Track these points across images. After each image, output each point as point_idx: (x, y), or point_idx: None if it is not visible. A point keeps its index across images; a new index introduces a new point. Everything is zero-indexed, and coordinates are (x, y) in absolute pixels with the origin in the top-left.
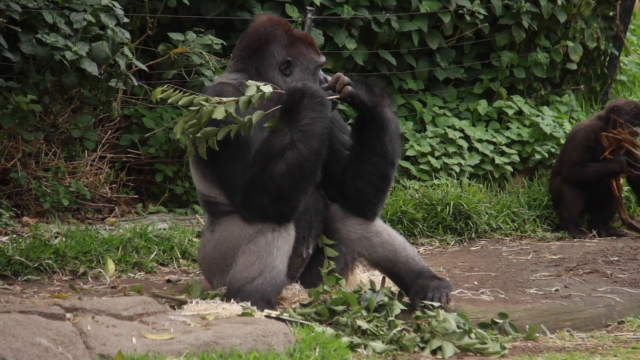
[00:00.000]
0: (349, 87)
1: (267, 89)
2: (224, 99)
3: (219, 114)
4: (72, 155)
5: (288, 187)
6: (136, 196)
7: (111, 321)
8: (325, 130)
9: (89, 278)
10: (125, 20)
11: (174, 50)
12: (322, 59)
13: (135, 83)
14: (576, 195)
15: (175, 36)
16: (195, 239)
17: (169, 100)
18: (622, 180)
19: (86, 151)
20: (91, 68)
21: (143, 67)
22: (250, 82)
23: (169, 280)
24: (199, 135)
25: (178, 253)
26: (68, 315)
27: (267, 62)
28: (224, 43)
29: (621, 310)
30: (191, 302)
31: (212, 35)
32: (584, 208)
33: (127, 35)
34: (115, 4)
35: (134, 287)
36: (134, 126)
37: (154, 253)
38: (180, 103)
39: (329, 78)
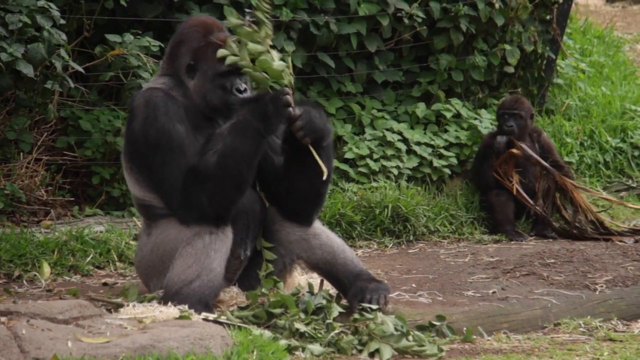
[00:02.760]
0: (302, 133)
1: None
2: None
3: (258, 46)
4: (7, 157)
5: (218, 180)
6: (72, 199)
7: (46, 325)
8: (259, 140)
9: (24, 281)
10: (62, 21)
11: (111, 52)
12: (226, 67)
13: (72, 85)
14: (504, 199)
15: (112, 38)
16: (132, 242)
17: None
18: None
19: (21, 153)
20: (27, 70)
21: (80, 69)
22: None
23: (105, 284)
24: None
25: (115, 256)
26: (2, 319)
27: (178, 63)
28: (162, 45)
29: (557, 312)
30: (128, 306)
31: (150, 37)
32: (516, 210)
33: (64, 36)
34: (52, 5)
35: (70, 291)
36: (70, 128)
37: (91, 256)
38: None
39: (246, 86)
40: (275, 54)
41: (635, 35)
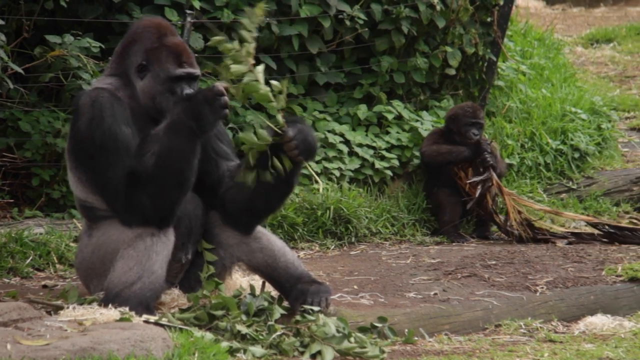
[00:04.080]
0: (296, 152)
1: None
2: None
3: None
4: None
5: (160, 182)
6: (12, 200)
7: None
8: (195, 139)
9: None
10: (1, 22)
11: (51, 53)
12: (179, 71)
13: (11, 86)
14: (454, 200)
15: (52, 39)
16: (72, 244)
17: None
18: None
19: None
20: None
21: (19, 70)
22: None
23: (45, 286)
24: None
25: (55, 258)
26: None
27: (129, 62)
28: (102, 46)
29: (498, 314)
30: (68, 308)
31: (90, 38)
32: (462, 213)
33: (3, 37)
34: None
35: (9, 293)
36: (9, 130)
37: (30, 258)
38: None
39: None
40: (259, 73)
41: (575, 37)
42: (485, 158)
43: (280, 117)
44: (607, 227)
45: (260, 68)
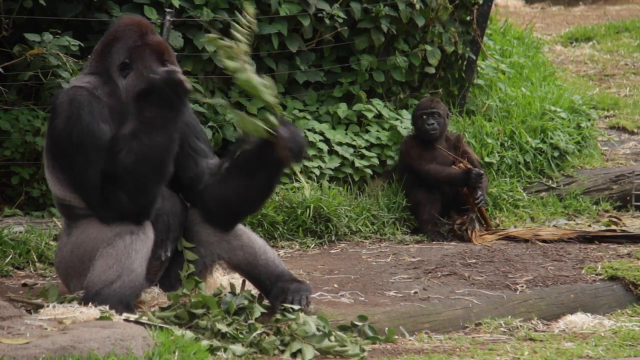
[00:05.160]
0: (288, 154)
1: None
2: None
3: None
4: None
5: (139, 179)
6: None
7: None
8: (171, 127)
9: None
10: None
11: (30, 52)
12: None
13: None
14: (433, 198)
15: (31, 37)
16: (52, 242)
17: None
18: None
19: None
20: None
21: None
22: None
23: (25, 284)
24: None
25: (35, 256)
26: None
27: (110, 60)
28: (82, 44)
29: (478, 312)
30: (48, 306)
31: (70, 36)
32: (441, 211)
33: None
34: None
35: None
36: None
37: (10, 257)
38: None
39: None
40: (251, 72)
41: (555, 36)
42: (477, 197)
43: (272, 118)
44: (589, 236)
45: (252, 68)
